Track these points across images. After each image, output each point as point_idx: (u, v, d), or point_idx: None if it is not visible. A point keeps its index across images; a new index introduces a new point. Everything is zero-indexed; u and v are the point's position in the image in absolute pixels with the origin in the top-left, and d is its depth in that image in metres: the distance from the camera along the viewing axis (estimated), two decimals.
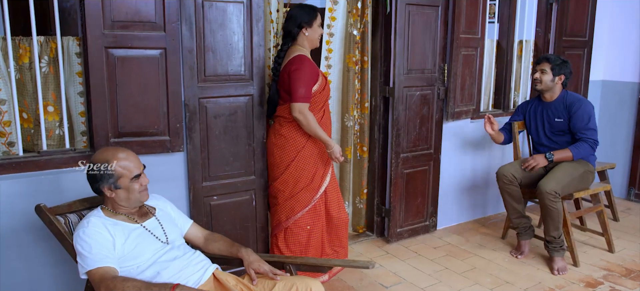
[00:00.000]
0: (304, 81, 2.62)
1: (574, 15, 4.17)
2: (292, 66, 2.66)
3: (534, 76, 3.25)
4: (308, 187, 2.80)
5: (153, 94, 2.50)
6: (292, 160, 2.77)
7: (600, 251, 3.44)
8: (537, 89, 3.27)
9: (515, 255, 3.36)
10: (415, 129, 3.48)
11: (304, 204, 2.81)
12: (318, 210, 2.86)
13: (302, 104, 2.62)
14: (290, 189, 2.80)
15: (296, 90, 2.61)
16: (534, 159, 3.15)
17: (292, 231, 2.84)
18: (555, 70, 3.17)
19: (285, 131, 2.77)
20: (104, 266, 1.79)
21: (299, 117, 2.64)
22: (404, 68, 3.34)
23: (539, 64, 3.24)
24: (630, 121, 4.48)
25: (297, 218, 2.81)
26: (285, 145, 2.77)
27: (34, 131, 2.53)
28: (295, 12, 2.73)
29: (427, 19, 3.37)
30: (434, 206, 3.73)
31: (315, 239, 2.87)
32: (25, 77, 2.45)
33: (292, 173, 2.78)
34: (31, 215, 2.27)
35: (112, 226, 1.89)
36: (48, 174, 2.37)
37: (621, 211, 4.16)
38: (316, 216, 2.86)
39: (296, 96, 2.61)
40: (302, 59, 2.68)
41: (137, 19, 2.41)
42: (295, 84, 2.61)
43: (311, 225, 2.84)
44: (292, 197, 2.81)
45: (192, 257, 2.04)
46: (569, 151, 3.12)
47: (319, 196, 2.83)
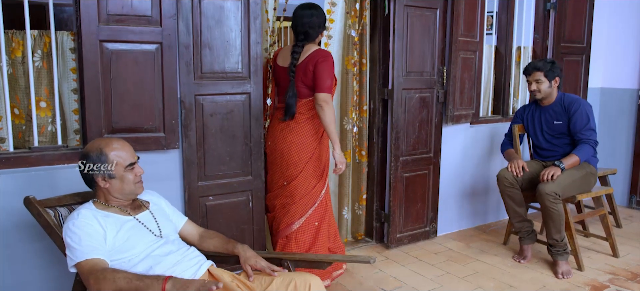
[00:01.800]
0: (331, 73, 2.69)
1: (571, 22, 4.18)
2: (318, 58, 2.70)
3: (531, 88, 3.20)
4: (319, 183, 2.83)
5: (148, 89, 2.45)
6: (310, 157, 2.78)
7: (604, 255, 3.37)
8: (537, 98, 3.23)
9: (518, 259, 3.28)
10: (414, 132, 3.43)
11: (314, 201, 2.81)
12: (324, 203, 2.87)
13: (328, 95, 2.66)
14: (306, 187, 2.79)
15: (325, 80, 2.65)
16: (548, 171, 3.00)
17: (302, 230, 2.81)
18: (549, 75, 3.15)
19: (304, 127, 2.78)
20: (93, 257, 1.72)
21: (324, 106, 2.64)
22: (402, 70, 3.31)
23: (530, 75, 3.18)
24: (630, 128, 4.45)
25: (307, 216, 2.79)
26: (304, 142, 2.77)
27: (25, 128, 2.47)
28: (318, 16, 2.79)
29: (425, 21, 3.36)
30: (434, 212, 3.67)
31: (322, 236, 2.83)
32: (18, 72, 2.40)
33: (311, 169, 2.79)
34: (19, 213, 2.20)
35: (103, 217, 1.82)
36: (39, 170, 2.31)
37: (623, 218, 4.10)
38: (324, 212, 2.85)
39: (324, 86, 2.65)
40: (327, 53, 2.76)
41: (132, 13, 2.37)
42: (324, 75, 2.65)
43: (319, 221, 2.83)
44: (307, 194, 2.79)
45: (186, 253, 1.96)
46: (575, 156, 3.06)
47: (324, 191, 2.85)
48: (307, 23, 2.76)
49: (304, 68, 2.72)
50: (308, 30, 2.76)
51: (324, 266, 2.20)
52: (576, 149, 3.08)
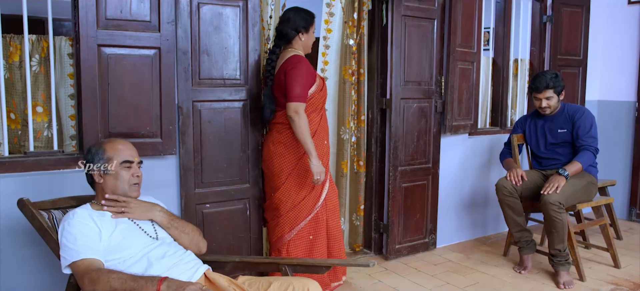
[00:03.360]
0: (301, 81, 2.54)
1: (567, 35, 4.21)
2: (288, 65, 2.59)
3: (541, 105, 3.15)
4: (310, 195, 2.71)
5: (146, 94, 2.44)
6: (293, 168, 2.68)
7: (605, 266, 3.33)
8: (547, 114, 3.22)
9: (518, 270, 3.24)
10: (413, 141, 3.42)
11: (307, 214, 2.71)
12: (320, 219, 2.75)
13: (298, 104, 2.52)
14: (293, 199, 2.69)
15: (293, 89, 2.52)
16: (553, 182, 2.96)
17: (295, 243, 2.72)
18: (558, 90, 3.14)
19: (285, 137, 2.67)
20: (88, 257, 1.69)
21: (294, 117, 2.51)
22: (401, 80, 3.31)
23: (541, 92, 3.13)
24: (628, 141, 4.45)
25: (299, 228, 2.71)
26: (285, 153, 2.68)
27: (21, 133, 2.45)
28: (292, 16, 2.67)
29: (423, 31, 3.37)
30: (433, 223, 3.63)
31: (318, 250, 2.75)
32: (15, 76, 2.39)
33: (294, 181, 2.68)
34: (12, 218, 2.17)
35: (98, 217, 1.80)
36: (34, 175, 2.28)
37: (623, 231, 4.06)
38: (318, 226, 2.75)
39: (292, 95, 2.52)
40: (299, 58, 2.62)
41: (131, 17, 2.38)
42: (292, 83, 2.53)
43: (313, 235, 2.73)
44: (295, 207, 2.70)
45: (183, 256, 1.93)
46: (578, 163, 3.04)
47: (320, 204, 2.74)
48: (283, 21, 2.68)
49: (278, 76, 2.64)
50: (283, 30, 2.66)
51: (323, 274, 2.16)
52: (578, 156, 3.07)
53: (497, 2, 4.04)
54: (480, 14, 3.68)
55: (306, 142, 2.55)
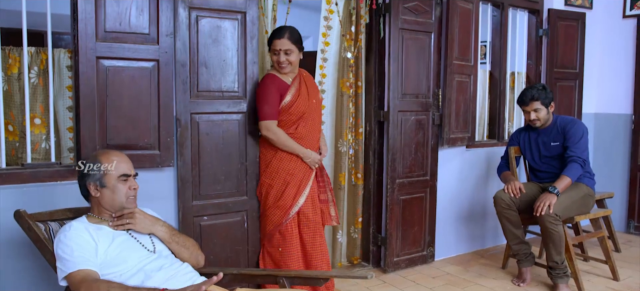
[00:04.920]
0: (265, 99, 2.63)
1: (563, 48, 4.24)
2: (257, 87, 2.72)
3: (530, 117, 3.17)
4: (276, 204, 2.70)
5: (144, 106, 2.45)
6: (262, 174, 2.78)
7: (604, 279, 3.32)
8: (537, 126, 3.23)
9: (517, 283, 3.23)
10: (410, 154, 3.43)
11: (274, 223, 2.71)
12: (288, 234, 2.70)
13: (268, 122, 2.64)
14: (262, 204, 2.79)
15: (260, 109, 2.65)
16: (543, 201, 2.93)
17: (268, 252, 2.79)
18: (545, 102, 3.16)
19: (260, 145, 2.81)
20: (85, 268, 1.68)
21: (268, 135, 2.66)
22: (398, 92, 3.32)
23: (527, 105, 3.16)
24: (625, 153, 4.46)
25: (269, 236, 2.75)
26: (260, 159, 2.81)
27: (19, 145, 2.45)
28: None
29: (420, 44, 3.40)
30: (431, 236, 3.62)
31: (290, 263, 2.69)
32: (13, 88, 2.39)
33: (262, 187, 2.77)
34: (9, 230, 2.16)
35: (95, 230, 1.79)
36: (31, 187, 2.27)
37: (622, 243, 4.06)
38: (286, 241, 2.71)
39: (261, 114, 2.65)
40: (264, 79, 2.71)
41: (130, 30, 2.39)
42: (258, 103, 2.66)
43: (283, 248, 2.72)
44: (264, 212, 2.78)
45: (179, 268, 1.92)
46: (567, 177, 3.04)
47: (290, 218, 2.70)
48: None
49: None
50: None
51: (319, 283, 2.16)
52: (565, 170, 3.05)
53: (494, 16, 4.08)
54: (477, 27, 3.71)
55: (292, 148, 2.69)
